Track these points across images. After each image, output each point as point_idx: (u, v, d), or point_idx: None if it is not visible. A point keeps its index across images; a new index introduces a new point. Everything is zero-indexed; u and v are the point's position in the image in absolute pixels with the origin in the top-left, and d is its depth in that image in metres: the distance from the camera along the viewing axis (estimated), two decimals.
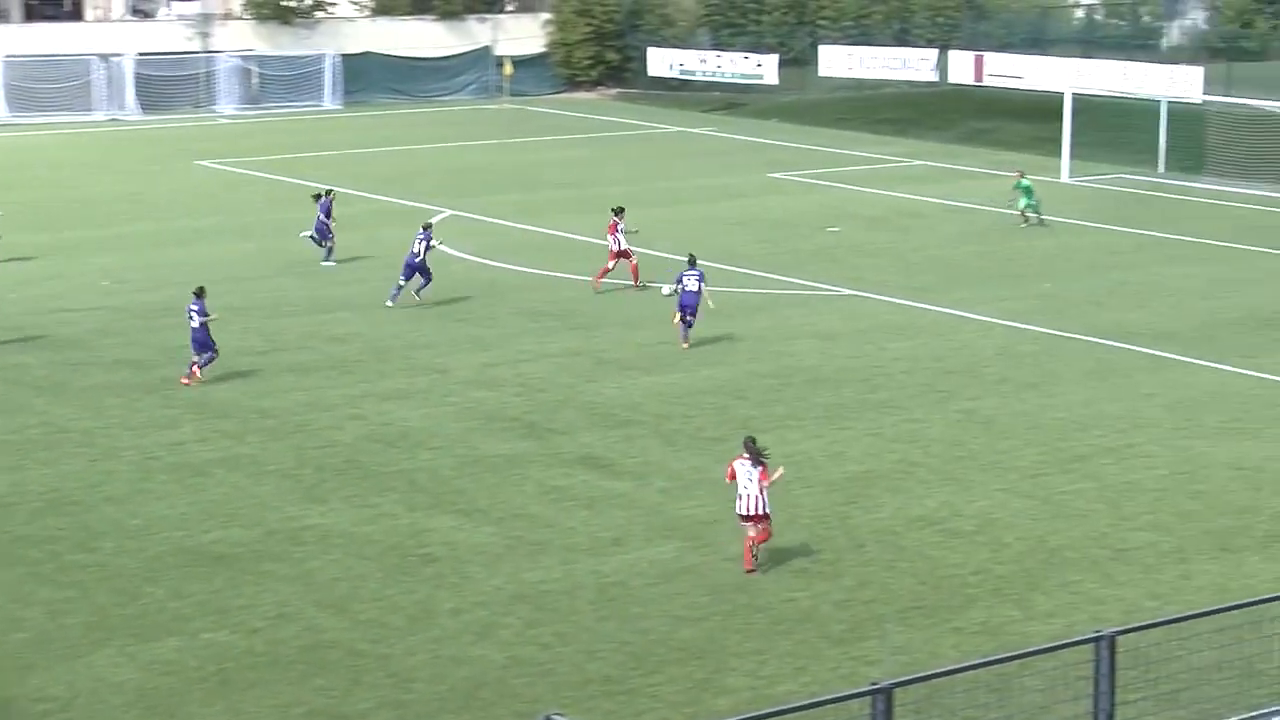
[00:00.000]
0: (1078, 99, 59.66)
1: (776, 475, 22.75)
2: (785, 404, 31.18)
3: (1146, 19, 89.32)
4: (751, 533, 22.80)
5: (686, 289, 35.14)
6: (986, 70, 73.85)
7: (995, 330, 36.92)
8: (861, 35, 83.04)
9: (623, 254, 40.30)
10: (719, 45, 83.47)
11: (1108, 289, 41.10)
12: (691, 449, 28.51)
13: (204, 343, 32.27)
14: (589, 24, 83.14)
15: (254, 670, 19.87)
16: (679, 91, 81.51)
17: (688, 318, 34.97)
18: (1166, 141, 58.83)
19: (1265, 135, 54.76)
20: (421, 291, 38.93)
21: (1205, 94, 63.18)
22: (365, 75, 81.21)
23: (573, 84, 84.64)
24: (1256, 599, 16.42)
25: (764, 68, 78.64)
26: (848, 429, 29.55)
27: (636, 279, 40.34)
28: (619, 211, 40.77)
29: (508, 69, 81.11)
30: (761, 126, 71.98)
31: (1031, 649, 15.98)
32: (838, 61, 78.20)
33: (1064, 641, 17.15)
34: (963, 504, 25.80)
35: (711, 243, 46.04)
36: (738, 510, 22.78)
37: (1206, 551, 23.77)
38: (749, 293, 40.40)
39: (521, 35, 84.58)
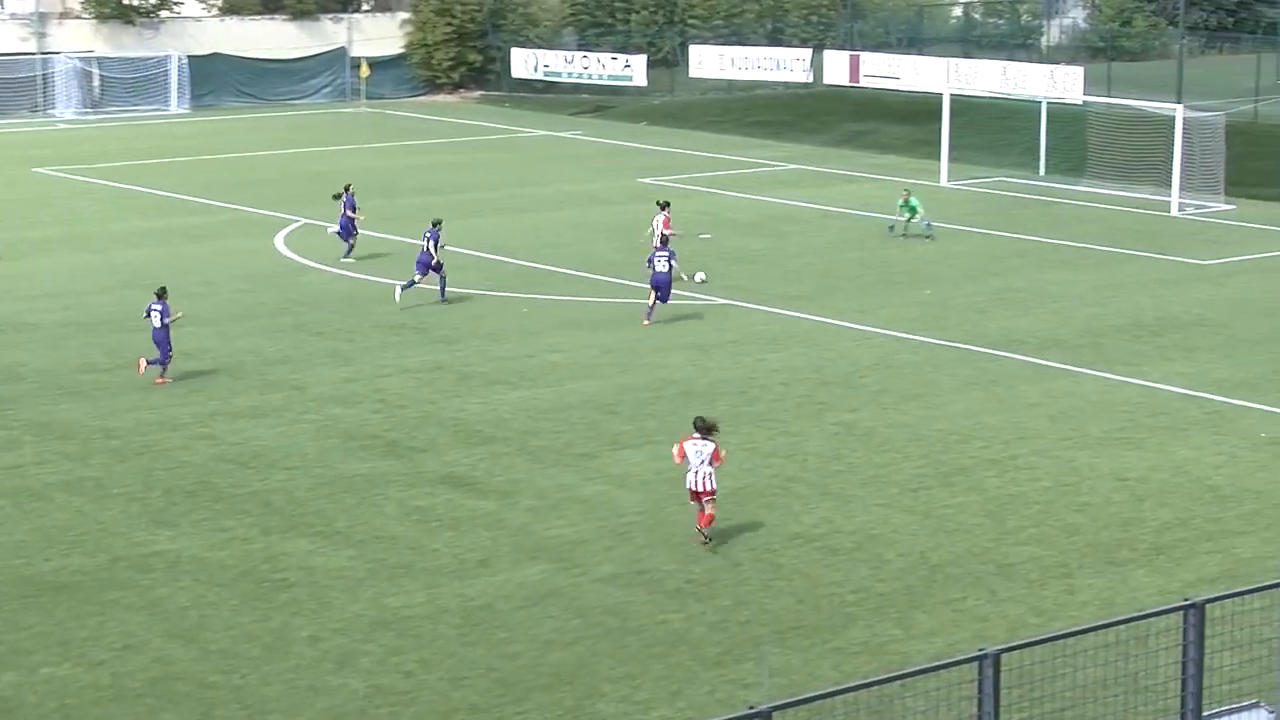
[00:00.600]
0: (957, 100, 60.33)
1: (725, 453, 24.72)
2: (658, 418, 31.24)
3: (1026, 18, 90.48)
4: (709, 510, 24.37)
5: (657, 270, 37.84)
6: (863, 71, 74.53)
7: (874, 340, 37.21)
8: (733, 35, 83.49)
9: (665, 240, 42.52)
10: (585, 46, 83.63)
11: (989, 296, 41.54)
12: (560, 466, 28.49)
13: (162, 343, 33.11)
14: (449, 24, 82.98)
15: (98, 705, 19.61)
16: (544, 94, 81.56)
17: (658, 295, 37.82)
18: (1047, 143, 59.60)
19: (1146, 136, 55.62)
20: (444, 291, 40.09)
21: (1086, 94, 64.13)
22: (214, 78, 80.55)
23: (433, 86, 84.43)
24: (1142, 613, 16.64)
25: (632, 69, 78.86)
26: (723, 444, 29.57)
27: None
28: (665, 205, 43.90)
29: (364, 71, 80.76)
30: (630, 130, 72.16)
31: (913, 669, 16.10)
32: (709, 62, 78.59)
33: (947, 660, 17.31)
34: (842, 520, 25.95)
35: (579, 251, 46.10)
36: (688, 485, 24.36)
37: (1091, 565, 24.07)
38: (618, 303, 40.47)
39: (378, 36, 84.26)
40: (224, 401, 32.24)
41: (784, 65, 77.79)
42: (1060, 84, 65.93)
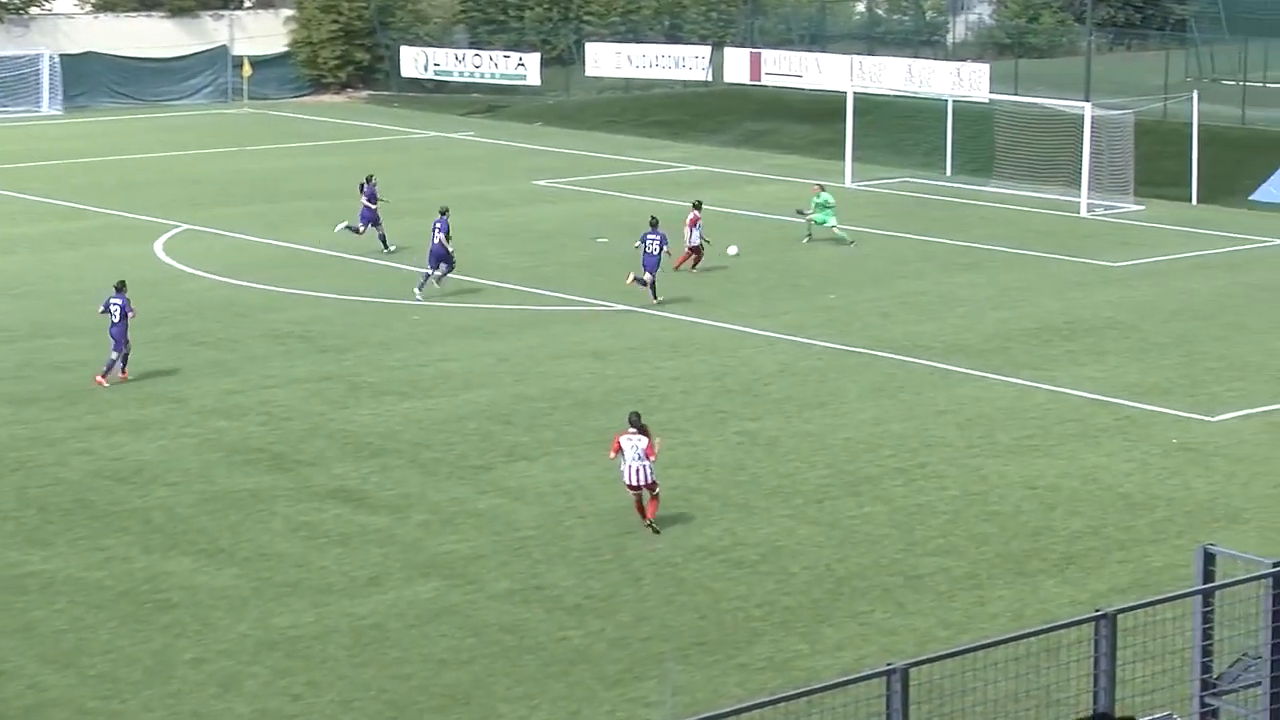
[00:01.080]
0: (861, 98, 60.66)
1: (659, 444, 25.88)
2: (554, 428, 31.23)
3: (931, 14, 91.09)
4: (648, 498, 25.68)
5: (648, 250, 40.58)
6: (764, 69, 74.83)
7: (777, 346, 37.34)
8: (630, 32, 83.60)
9: (694, 250, 44.44)
10: (477, 44, 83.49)
11: (895, 300, 41.79)
12: (453, 479, 28.43)
13: (119, 339, 33.82)
14: (335, 21, 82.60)
15: None
16: (435, 94, 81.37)
17: (645, 276, 40.31)
18: (953, 143, 60.02)
19: (1054, 136, 56.11)
20: (442, 280, 41.29)
21: (992, 92, 64.63)
22: (88, 77, 79.80)
23: (319, 86, 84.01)
24: (1053, 625, 16.77)
25: (526, 67, 78.82)
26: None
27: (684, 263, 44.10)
28: (698, 205, 45.42)
29: (246, 70, 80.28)
30: (524, 131, 72.12)
31: (820, 684, 16.16)
32: (605, 60, 78.65)
33: (854, 675, 17.38)
34: (746, 532, 26.03)
35: (472, 256, 45.99)
36: (626, 481, 25.63)
37: (1001, 576, 24.26)
38: (513, 309, 40.43)
39: (261, 33, 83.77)
40: (101, 415, 31.96)
41: (683, 63, 77.97)
42: (966, 82, 66.44)
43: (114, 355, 34.08)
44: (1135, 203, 54.22)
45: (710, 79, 76.67)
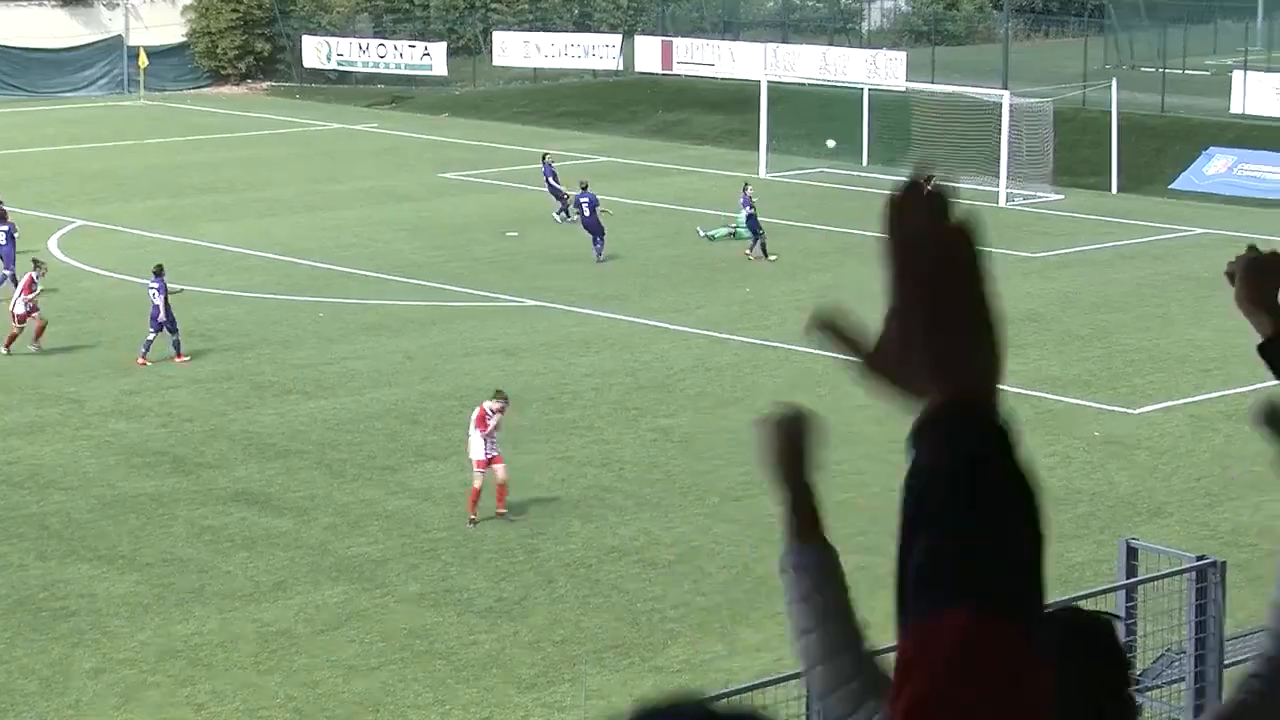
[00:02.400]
0: (775, 87, 60.83)
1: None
2: (464, 427, 31.15)
3: (846, 1, 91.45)
4: (500, 475, 26.29)
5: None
6: (676, 57, 74.94)
7: (692, 341, 37.42)
8: (539, 21, 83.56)
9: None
10: (381, 33, 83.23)
11: (812, 293, 41.91)
12: (360, 480, 28.35)
13: (163, 322, 35.29)
14: (234, 11, 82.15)
15: None
16: (338, 84, 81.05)
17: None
18: (870, 132, 60.28)
19: (972, 124, 56.44)
20: (602, 252, 44.82)
21: (909, 80, 64.96)
22: None
23: (218, 77, 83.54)
24: None
25: (432, 57, 78.66)
26: (533, 453, 29.66)
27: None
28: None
29: (142, 60, 79.75)
30: (431, 122, 71.96)
31: (738, 687, 16.23)
32: (514, 49, 78.59)
33: (773, 677, 17.43)
34: (661, 531, 26.08)
35: (378, 250, 45.89)
36: (477, 455, 26.45)
37: None
38: (420, 305, 40.34)
39: (158, 23, 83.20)
40: None
41: (593, 52, 78.00)
42: (882, 70, 66.75)
43: (172, 336, 35.41)
44: (1055, 192, 54.62)
45: (621, 68, 76.72)
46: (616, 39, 78.62)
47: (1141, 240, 48.52)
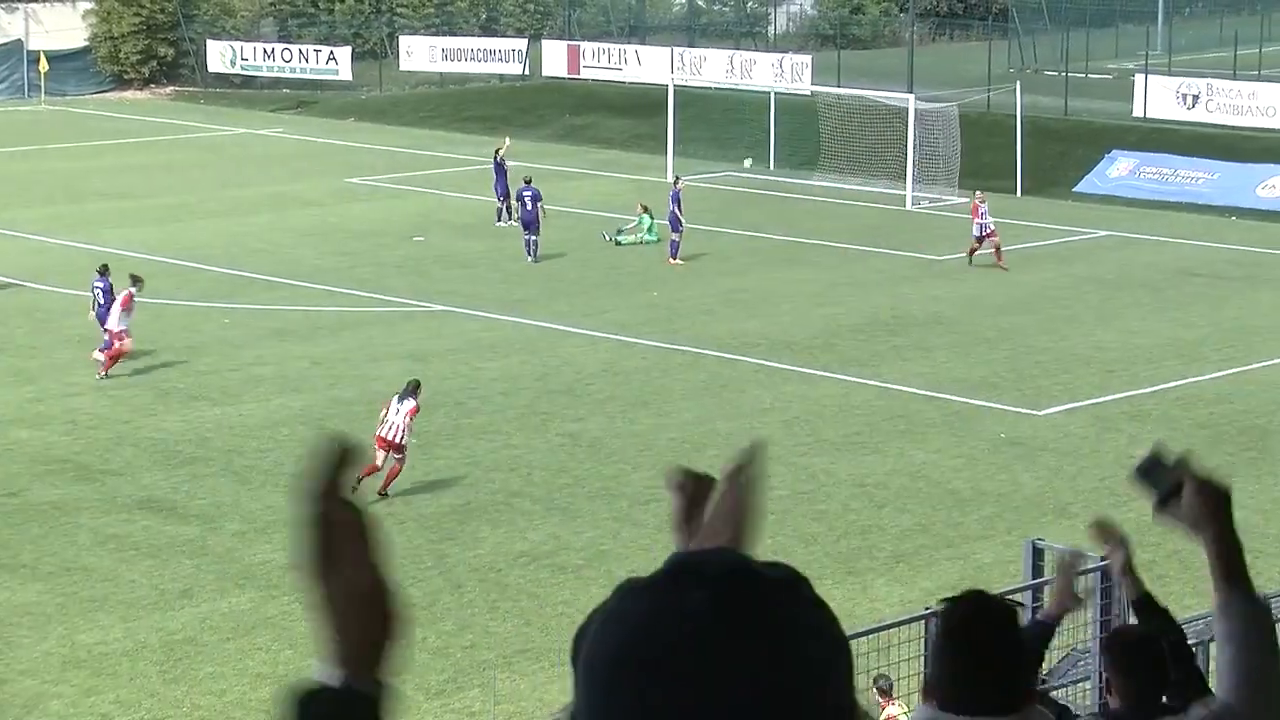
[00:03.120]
0: (682, 91, 60.93)
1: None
2: (371, 432, 31.05)
3: (753, 4, 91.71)
4: (392, 463, 27.38)
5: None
6: (582, 61, 74.95)
7: (600, 345, 37.42)
8: (445, 24, 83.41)
9: (986, 236, 44.87)
10: (286, 37, 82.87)
11: (719, 297, 42.02)
12: (268, 486, 28.20)
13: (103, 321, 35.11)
14: (137, 14, 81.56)
15: None
16: (243, 89, 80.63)
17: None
18: (777, 136, 60.47)
19: (879, 128, 56.72)
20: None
21: (815, 84, 65.21)
22: None
23: (121, 82, 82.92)
24: (883, 624, 16.98)
25: (337, 61, 78.37)
26: (441, 458, 29.61)
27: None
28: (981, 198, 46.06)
29: (43, 65, 79.05)
30: (337, 127, 71.68)
31: None
32: (420, 54, 78.43)
33: None
34: (570, 536, 26.08)
35: (284, 256, 45.68)
36: (379, 433, 27.35)
37: (830, 575, 24.48)
38: (327, 311, 40.17)
39: (59, 27, 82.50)
40: None
41: (499, 56, 77.91)
42: (789, 74, 66.98)
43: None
44: (960, 195, 54.90)
45: (527, 72, 76.67)
46: (523, 43, 78.56)
47: (1046, 243, 48.83)
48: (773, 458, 29.68)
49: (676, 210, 45.65)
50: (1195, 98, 60.58)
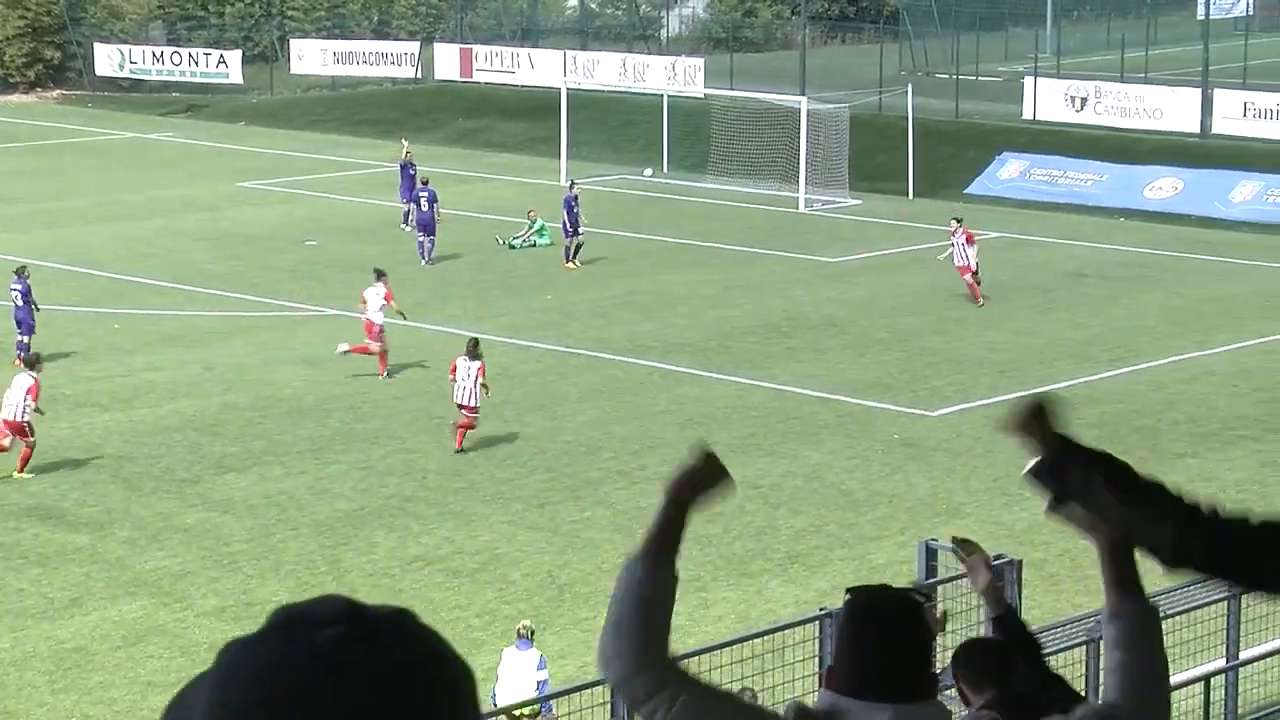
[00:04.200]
0: (575, 94, 60.90)
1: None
2: (265, 438, 30.88)
3: (645, 8, 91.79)
4: (462, 418, 29.84)
5: (421, 209, 45.03)
6: (475, 65, 74.79)
7: (495, 348, 37.26)
8: (336, 28, 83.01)
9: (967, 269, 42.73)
10: (175, 41, 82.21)
11: (613, 299, 42.02)
12: (159, 493, 27.96)
13: (27, 322, 35.70)
14: (22, 17, 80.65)
15: None
16: (131, 93, 79.93)
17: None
18: (670, 139, 60.53)
19: (771, 130, 56.87)
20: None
21: (707, 87, 65.32)
22: None
23: (6, 86, 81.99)
24: (778, 625, 17.01)
25: (227, 65, 77.83)
26: (335, 463, 29.46)
27: None
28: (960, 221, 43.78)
29: None
30: (228, 131, 71.17)
31: (544, 694, 16.22)
32: (311, 57, 77.99)
33: (579, 684, 17.41)
34: (464, 540, 26.00)
35: (175, 261, 45.31)
36: (454, 399, 29.94)
37: (725, 577, 24.53)
38: (220, 315, 39.88)
39: None
40: None
41: (391, 59, 77.61)
42: (681, 77, 67.08)
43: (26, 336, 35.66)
44: (852, 197, 55.16)
45: (420, 76, 76.40)
46: (415, 46, 78.29)
47: (938, 244, 49.11)
48: (667, 461, 29.69)
49: (569, 216, 45.58)
50: (1084, 100, 61.11)
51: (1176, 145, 57.41)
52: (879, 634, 4.79)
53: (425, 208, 46.21)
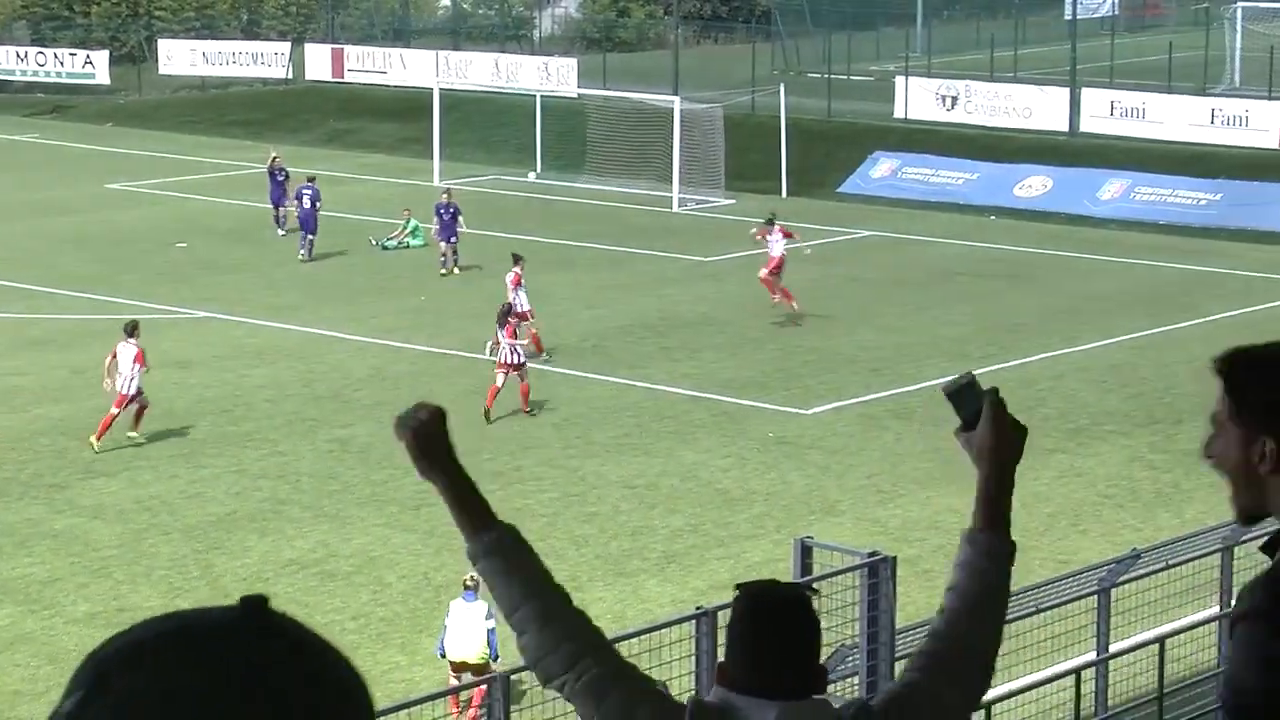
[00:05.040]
0: (448, 94, 60.75)
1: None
2: (135, 442, 30.58)
3: (518, 8, 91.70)
4: (517, 381, 31.78)
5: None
6: (347, 65, 74.46)
7: (368, 350, 37.18)
8: (205, 28, 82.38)
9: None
10: (41, 41, 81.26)
11: (488, 301, 41.86)
12: (26, 499, 27.65)
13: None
14: None
15: None
16: None
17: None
18: (544, 139, 60.50)
19: (645, 130, 56.96)
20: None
21: (581, 87, 65.37)
22: None
23: None
24: (654, 624, 17.04)
25: (94, 65, 77.02)
26: (206, 467, 29.23)
27: None
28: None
29: None
30: (95, 132, 70.43)
31: (419, 697, 16.16)
32: (180, 57, 77.33)
33: (453, 686, 17.38)
34: (339, 543, 25.89)
35: (41, 263, 44.80)
36: (497, 358, 31.98)
37: (601, 578, 24.55)
38: (87, 319, 39.47)
39: None
40: None
41: (261, 60, 77.11)
42: (554, 77, 67.08)
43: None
44: (726, 196, 55.36)
45: (291, 76, 75.95)
46: (285, 46, 77.82)
47: (810, 243, 49.37)
48: (544, 461, 29.71)
49: (440, 222, 45.36)
50: (954, 99, 61.64)
51: (1045, 144, 58.03)
52: (769, 629, 4.80)
53: (309, 205, 46.05)
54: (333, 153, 64.95)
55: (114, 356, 30.59)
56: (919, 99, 62.08)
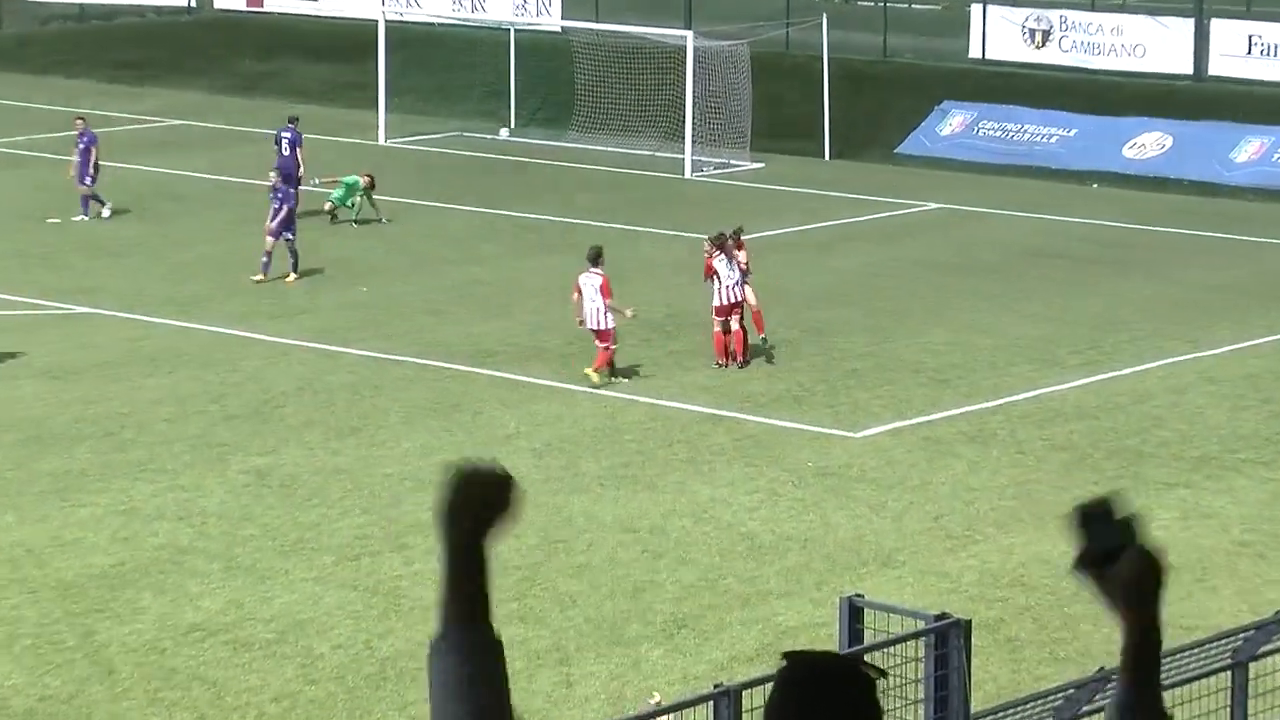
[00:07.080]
0: (396, 30, 60.81)
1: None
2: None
3: None
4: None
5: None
6: None
7: (294, 355, 37.22)
8: None
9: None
10: None
11: (448, 292, 41.99)
12: None
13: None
14: None
15: None
16: None
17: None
18: (519, 86, 60.52)
19: (648, 74, 56.84)
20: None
21: (566, 19, 65.34)
22: None
23: None
24: (662, 708, 17.07)
25: None
26: (87, 505, 29.25)
27: None
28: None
29: None
30: None
31: None
32: None
33: None
34: (256, 604, 25.90)
35: None
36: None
37: (593, 647, 24.55)
38: None
39: None
40: None
41: None
42: (533, 5, 67.11)
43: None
44: (753, 160, 55.37)
45: (193, 5, 76.04)
46: None
47: (863, 218, 49.43)
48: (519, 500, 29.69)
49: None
50: (1045, 34, 61.63)
51: (1163, 91, 57.99)
52: (822, 713, 4.76)
53: (288, 151, 46.71)
54: (247, 102, 65.00)
55: (578, 292, 35.29)
56: (1000, 34, 62.04)
